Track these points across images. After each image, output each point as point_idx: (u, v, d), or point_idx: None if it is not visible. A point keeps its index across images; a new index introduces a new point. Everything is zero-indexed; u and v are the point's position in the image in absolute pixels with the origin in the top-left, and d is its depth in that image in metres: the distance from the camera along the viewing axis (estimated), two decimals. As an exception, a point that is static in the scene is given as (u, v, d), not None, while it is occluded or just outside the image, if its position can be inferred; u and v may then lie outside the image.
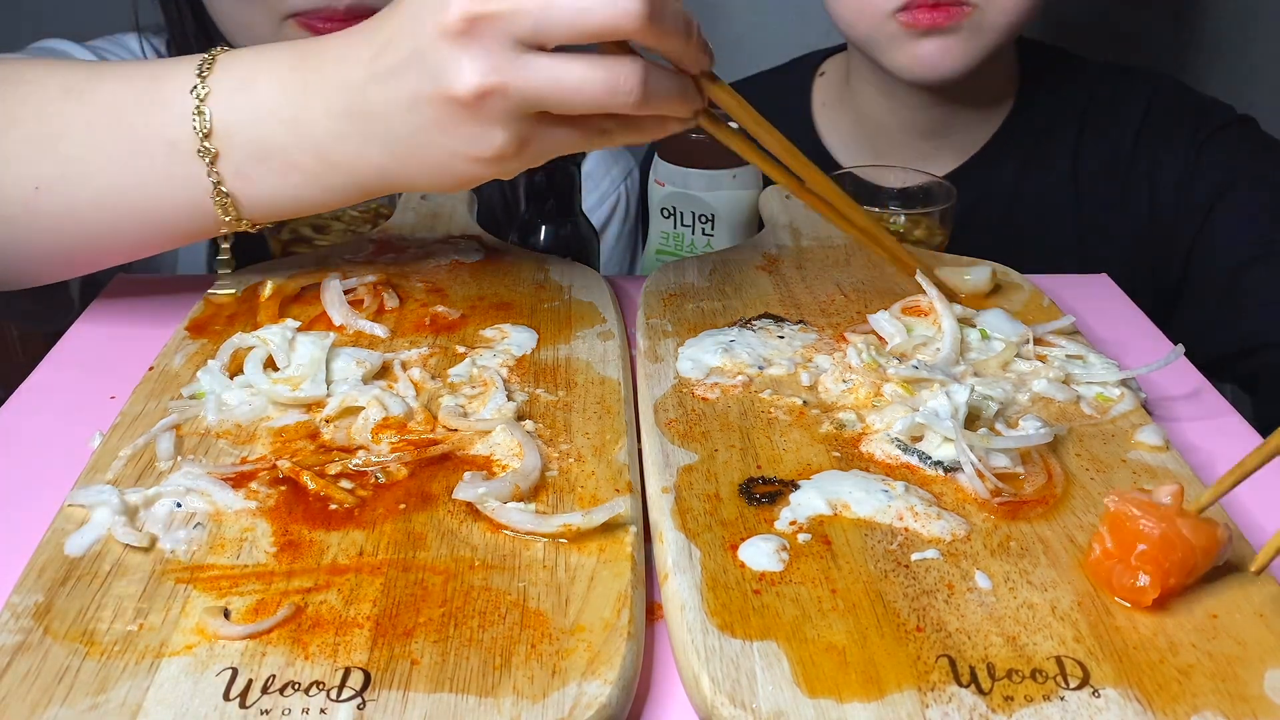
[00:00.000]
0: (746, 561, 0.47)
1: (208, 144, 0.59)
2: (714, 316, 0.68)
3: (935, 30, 0.89)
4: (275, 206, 0.62)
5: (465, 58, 0.52)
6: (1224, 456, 0.58)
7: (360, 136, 0.57)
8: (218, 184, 0.60)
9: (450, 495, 0.51)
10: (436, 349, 0.64)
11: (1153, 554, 0.45)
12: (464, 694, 0.41)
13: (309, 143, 0.58)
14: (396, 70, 0.54)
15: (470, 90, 0.52)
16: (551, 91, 0.52)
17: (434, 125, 0.54)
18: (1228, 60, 1.39)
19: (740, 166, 0.81)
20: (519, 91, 0.52)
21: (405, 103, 0.54)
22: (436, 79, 0.53)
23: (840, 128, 1.07)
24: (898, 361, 0.62)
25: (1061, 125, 1.01)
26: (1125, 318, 0.74)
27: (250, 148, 0.59)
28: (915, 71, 0.92)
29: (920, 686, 0.41)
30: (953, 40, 0.90)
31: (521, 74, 0.52)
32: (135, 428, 0.57)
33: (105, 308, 0.74)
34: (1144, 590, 0.45)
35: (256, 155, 0.59)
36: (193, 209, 0.61)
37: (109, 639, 0.43)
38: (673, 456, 0.55)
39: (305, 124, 0.58)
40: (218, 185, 0.60)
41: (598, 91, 0.52)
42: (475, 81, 0.52)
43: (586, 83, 0.52)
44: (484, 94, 0.52)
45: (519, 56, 0.51)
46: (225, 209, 0.61)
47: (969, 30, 0.90)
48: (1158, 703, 0.41)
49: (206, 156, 0.59)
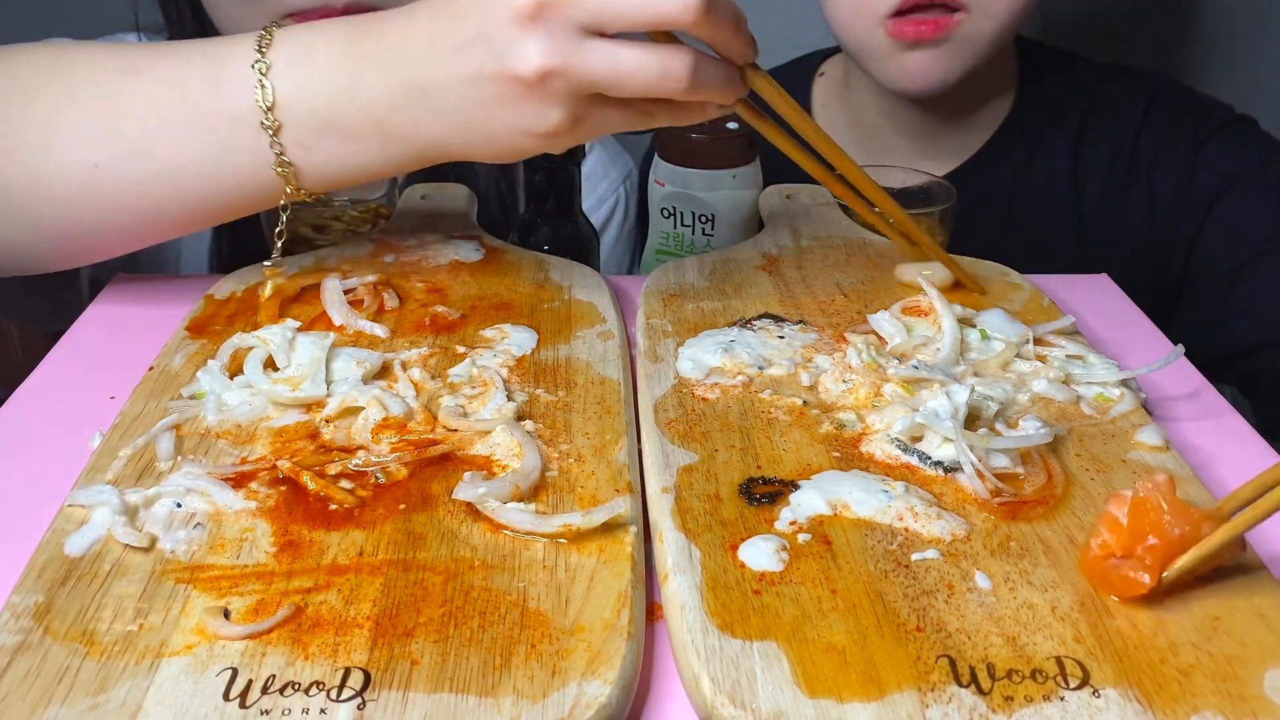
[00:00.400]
0: (746, 561, 0.47)
1: (271, 116, 0.61)
2: (714, 316, 0.68)
3: (923, 43, 0.89)
4: (336, 175, 0.64)
5: (532, 40, 0.55)
6: (1224, 457, 0.58)
7: (418, 108, 0.60)
8: (280, 155, 0.62)
9: (450, 495, 0.51)
10: (436, 349, 0.64)
11: (1162, 551, 0.45)
12: (464, 694, 0.41)
13: (367, 114, 0.61)
14: (462, 47, 0.57)
15: (534, 70, 0.55)
16: (608, 75, 0.56)
17: (494, 101, 0.58)
18: (1226, 61, 1.39)
19: (740, 166, 0.81)
20: (578, 74, 0.55)
21: (468, 78, 0.57)
22: (502, 58, 0.56)
23: (839, 128, 1.07)
24: (898, 361, 0.62)
25: (1061, 125, 1.01)
26: (1125, 318, 0.74)
27: (312, 119, 0.62)
28: (903, 84, 0.92)
29: (920, 686, 0.41)
30: (940, 53, 0.90)
31: (582, 58, 0.55)
32: (135, 428, 0.57)
33: (105, 308, 0.74)
34: (1139, 583, 0.45)
35: (318, 126, 0.62)
36: (255, 179, 0.64)
37: (109, 639, 0.43)
38: (673, 456, 0.55)
39: (364, 96, 0.60)
40: (280, 156, 0.62)
41: (650, 77, 0.55)
42: (539, 62, 0.55)
43: (640, 69, 0.55)
44: (546, 74, 0.55)
45: (581, 41, 0.55)
46: (288, 179, 0.64)
47: (958, 42, 0.89)
48: (1158, 703, 0.41)
49: (270, 129, 0.62)
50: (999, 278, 0.74)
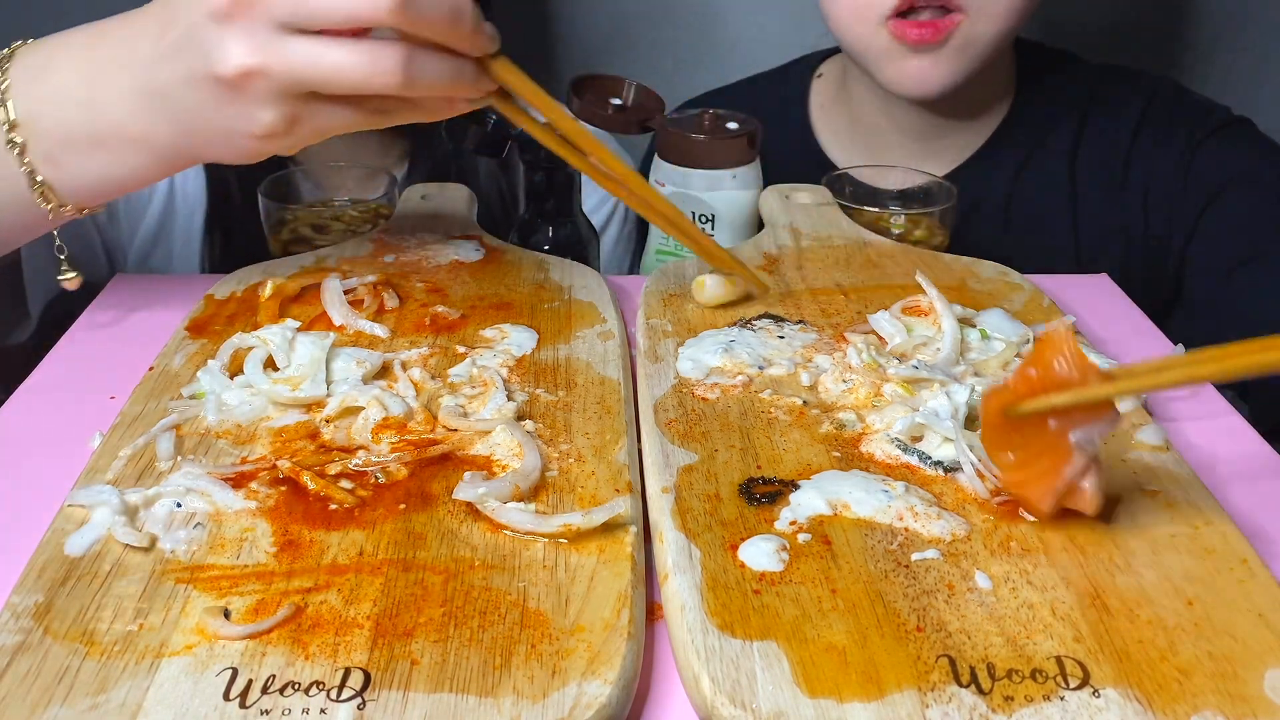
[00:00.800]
0: (746, 561, 0.47)
1: (13, 136, 0.60)
2: (714, 316, 0.68)
3: (924, 46, 0.89)
4: (91, 188, 0.63)
5: (229, 38, 0.53)
6: (1224, 456, 0.58)
7: (152, 113, 0.58)
8: (31, 173, 0.61)
9: (450, 495, 0.51)
10: (436, 349, 0.64)
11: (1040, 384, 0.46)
12: (464, 694, 0.41)
13: (107, 122, 0.59)
14: (176, 48, 0.56)
15: (233, 70, 0.53)
16: (312, 73, 0.54)
17: (211, 103, 0.56)
18: (1225, 63, 1.39)
19: (740, 166, 0.81)
20: (280, 72, 0.54)
21: (184, 80, 0.56)
22: (206, 58, 0.54)
23: (837, 129, 1.07)
24: (898, 361, 0.62)
25: (1060, 126, 1.01)
26: (1125, 318, 0.74)
27: (55, 134, 0.60)
28: (904, 87, 0.92)
29: (920, 686, 0.41)
30: (941, 57, 0.90)
31: (282, 55, 0.53)
32: (135, 428, 0.57)
33: (105, 308, 0.74)
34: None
35: (62, 141, 0.60)
36: (17, 200, 0.62)
37: (109, 639, 0.43)
38: (673, 456, 0.55)
39: (102, 104, 0.59)
40: (31, 175, 0.61)
41: (358, 74, 0.54)
42: (237, 62, 0.53)
43: (346, 65, 0.53)
44: (247, 74, 0.54)
45: (280, 38, 0.53)
46: (45, 196, 0.62)
47: (957, 46, 0.89)
48: (1158, 703, 0.41)
49: (15, 149, 0.60)
50: (999, 277, 0.74)
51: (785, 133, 1.07)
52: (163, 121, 0.58)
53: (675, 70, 1.35)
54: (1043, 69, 1.03)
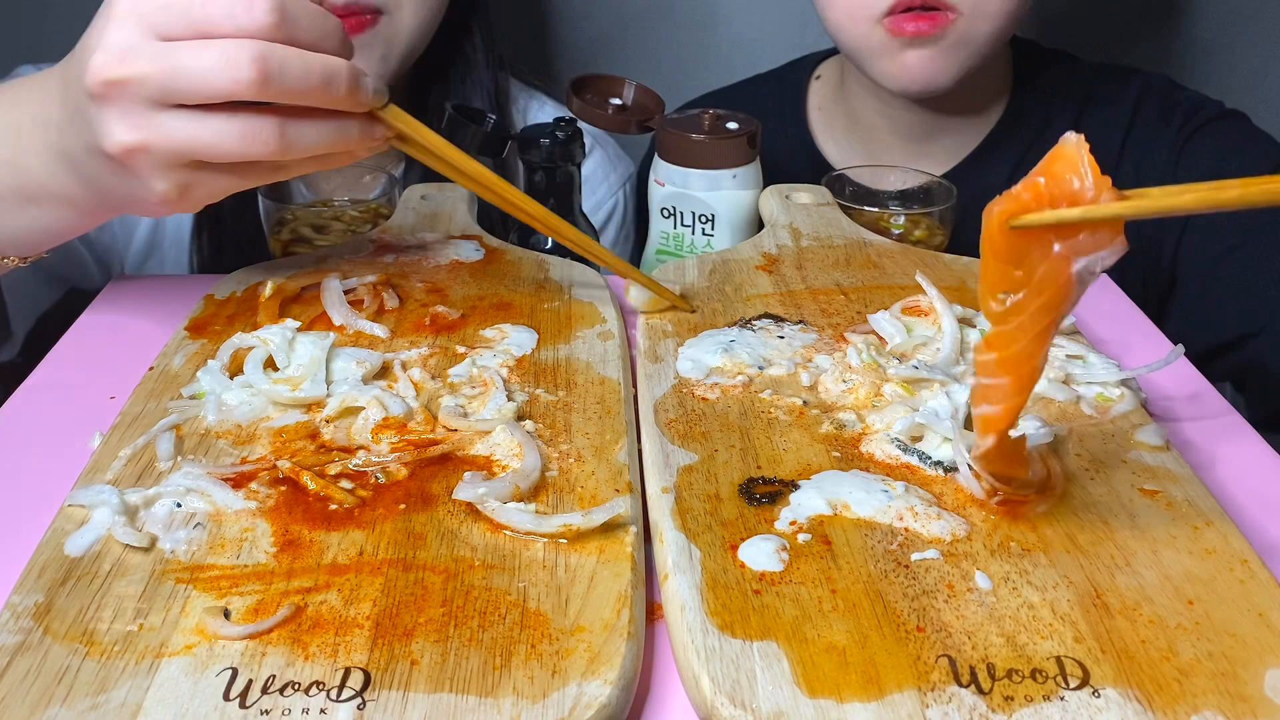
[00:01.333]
0: (746, 561, 0.47)
1: None
2: (714, 316, 0.68)
3: (920, 40, 0.89)
4: (25, 240, 0.64)
5: (109, 118, 0.54)
6: (1224, 456, 0.58)
7: (67, 174, 0.59)
8: None
9: (450, 495, 0.51)
10: (436, 349, 0.64)
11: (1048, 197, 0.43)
12: (464, 694, 0.41)
13: (32, 180, 0.60)
14: (73, 118, 0.56)
15: (117, 148, 0.54)
16: (193, 146, 0.54)
17: (108, 171, 0.57)
18: (1222, 61, 1.39)
19: (740, 166, 0.81)
20: (162, 148, 0.54)
21: (84, 149, 0.57)
22: (94, 134, 0.55)
23: (835, 131, 1.07)
24: (898, 361, 0.62)
25: (1055, 124, 1.01)
26: (1125, 318, 0.74)
27: None
28: (901, 82, 0.92)
29: (920, 686, 0.41)
30: (937, 52, 0.90)
31: (160, 132, 0.54)
32: (135, 428, 0.57)
33: (105, 308, 0.74)
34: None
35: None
36: None
37: (109, 639, 0.43)
38: (673, 456, 0.55)
39: (24, 164, 0.60)
40: None
41: (236, 145, 0.54)
42: (118, 139, 0.54)
43: (224, 136, 0.54)
44: (129, 151, 0.54)
45: (157, 115, 0.54)
46: None
47: (953, 41, 0.90)
48: (1158, 703, 0.41)
49: None
50: (999, 278, 0.74)
51: (783, 134, 1.07)
52: (76, 182, 0.59)
53: (675, 70, 1.35)
54: (1038, 68, 1.03)
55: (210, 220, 0.96)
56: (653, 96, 0.90)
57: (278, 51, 0.52)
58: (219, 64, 0.52)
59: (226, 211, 0.95)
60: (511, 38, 0.56)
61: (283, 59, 0.52)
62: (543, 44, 1.38)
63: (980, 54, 0.91)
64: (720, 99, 1.11)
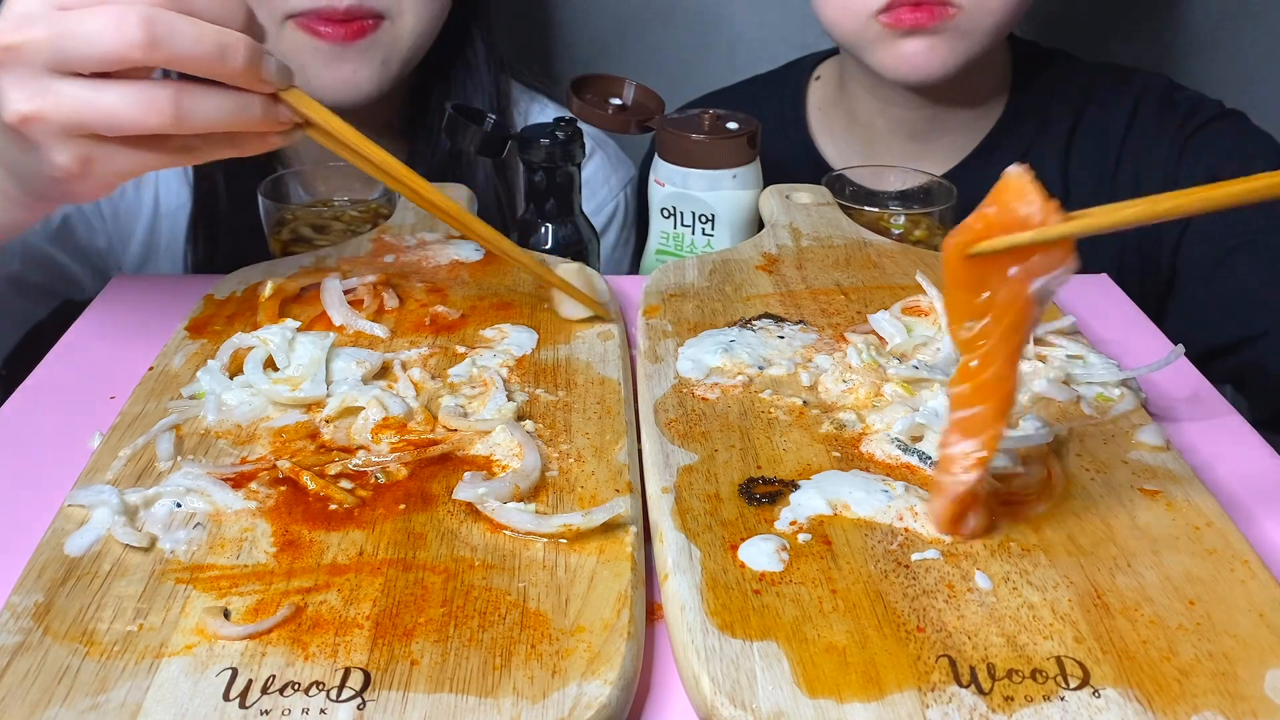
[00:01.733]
0: (746, 561, 0.47)
1: None
2: (714, 316, 0.68)
3: (919, 30, 0.89)
4: None
5: (6, 85, 0.53)
6: (1224, 456, 0.58)
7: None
8: None
9: (450, 495, 0.51)
10: (436, 349, 0.64)
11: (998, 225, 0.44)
12: (464, 694, 0.41)
13: None
14: None
15: (14, 116, 0.53)
16: (88, 115, 0.53)
17: (12, 146, 0.56)
18: (1222, 61, 1.39)
19: (740, 166, 0.81)
20: (57, 117, 0.53)
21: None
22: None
23: (835, 131, 1.07)
24: (898, 361, 0.62)
25: (1054, 124, 1.01)
26: (1125, 318, 0.74)
27: None
28: (900, 71, 0.92)
29: (920, 687, 0.41)
30: (937, 40, 0.90)
31: (55, 100, 0.53)
32: (135, 428, 0.57)
33: (105, 308, 0.74)
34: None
35: None
36: None
37: (109, 639, 0.43)
38: (673, 456, 0.55)
39: None
40: None
41: (131, 114, 0.53)
42: (14, 108, 0.53)
43: (119, 106, 0.53)
44: (26, 119, 0.53)
45: (52, 83, 0.53)
46: None
47: (953, 32, 0.89)
48: (1158, 703, 0.41)
49: None
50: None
51: (783, 134, 1.07)
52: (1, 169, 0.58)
53: (675, 70, 1.35)
54: (1037, 68, 1.03)
55: (206, 221, 0.96)
56: (653, 96, 0.90)
57: (167, 16, 0.52)
58: (107, 26, 0.51)
59: (223, 212, 0.95)
60: (512, 38, 0.56)
61: (172, 23, 0.52)
62: (543, 44, 1.38)
63: (980, 46, 0.91)
64: (720, 99, 1.11)
